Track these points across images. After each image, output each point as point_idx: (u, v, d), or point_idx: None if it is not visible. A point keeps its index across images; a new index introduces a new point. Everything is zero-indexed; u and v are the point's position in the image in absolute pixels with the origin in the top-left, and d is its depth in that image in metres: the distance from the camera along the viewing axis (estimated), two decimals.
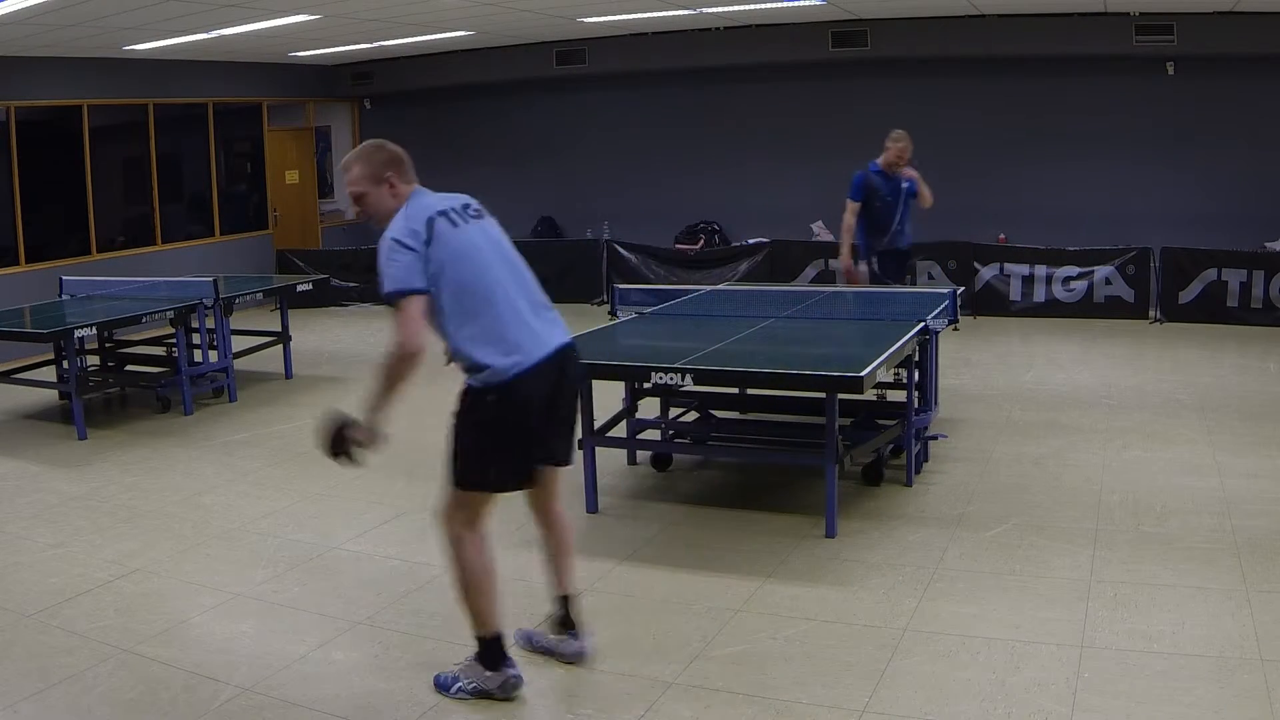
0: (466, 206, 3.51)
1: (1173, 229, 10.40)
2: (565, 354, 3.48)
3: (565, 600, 3.68)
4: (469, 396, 3.42)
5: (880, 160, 7.44)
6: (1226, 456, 5.79)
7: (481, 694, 3.43)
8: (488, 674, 3.42)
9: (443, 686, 3.49)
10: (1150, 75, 10.56)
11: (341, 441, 3.35)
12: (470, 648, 3.48)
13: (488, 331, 3.35)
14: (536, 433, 3.44)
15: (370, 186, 3.43)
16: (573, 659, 3.63)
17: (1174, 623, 3.80)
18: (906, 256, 7.80)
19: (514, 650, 3.59)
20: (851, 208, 7.47)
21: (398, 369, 3.25)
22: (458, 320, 3.34)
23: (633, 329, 6.21)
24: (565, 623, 3.66)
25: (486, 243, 3.47)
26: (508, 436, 3.40)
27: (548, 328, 3.47)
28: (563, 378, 3.47)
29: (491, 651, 3.42)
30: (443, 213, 3.39)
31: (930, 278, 10.54)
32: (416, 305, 3.25)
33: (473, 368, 3.38)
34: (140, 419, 7.57)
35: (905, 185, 7.44)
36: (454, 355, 3.42)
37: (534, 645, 3.73)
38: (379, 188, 3.43)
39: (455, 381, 3.51)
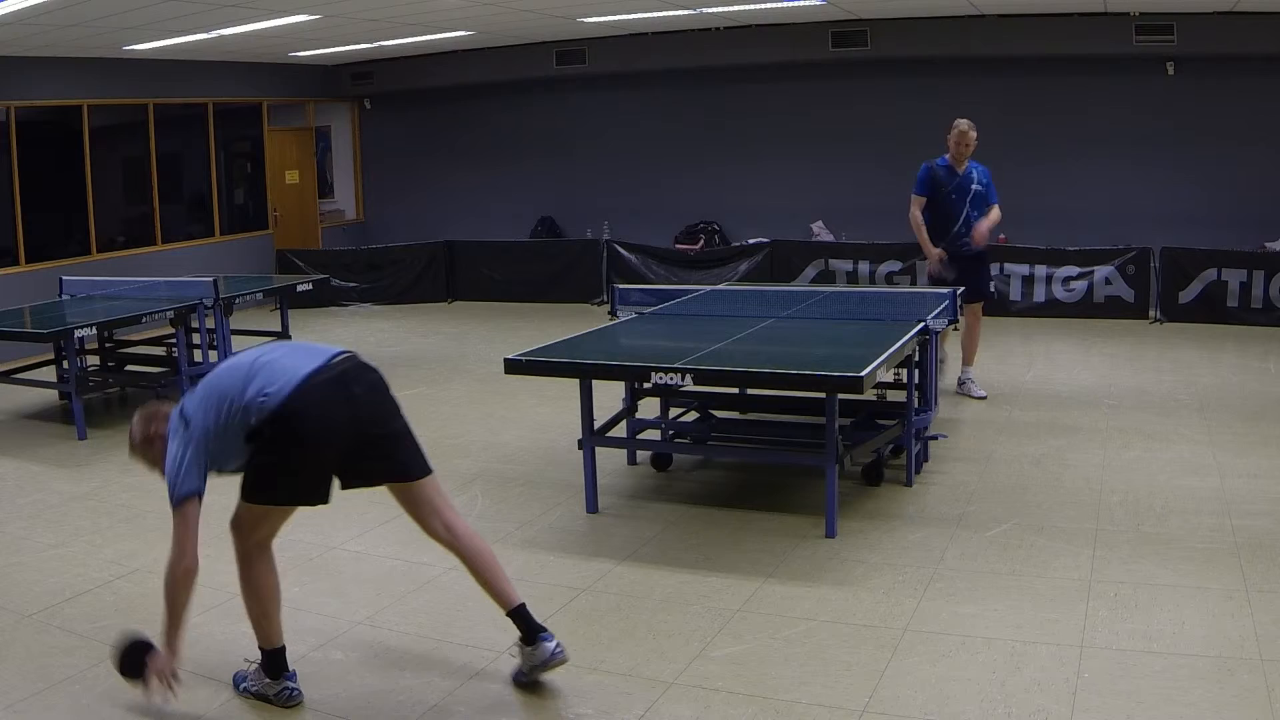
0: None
1: (1173, 229, 10.40)
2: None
3: (517, 613, 3.52)
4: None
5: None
6: (1226, 456, 5.80)
7: (263, 698, 3.48)
8: (267, 680, 3.47)
9: (236, 681, 3.57)
10: (1150, 75, 10.56)
11: (139, 667, 3.36)
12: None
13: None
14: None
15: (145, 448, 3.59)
16: (552, 661, 3.46)
17: (1174, 623, 3.80)
18: (976, 262, 7.25)
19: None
20: (915, 202, 7.19)
21: (175, 587, 3.39)
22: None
23: (633, 329, 6.21)
24: (528, 634, 3.49)
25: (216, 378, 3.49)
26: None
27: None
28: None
29: (273, 662, 3.48)
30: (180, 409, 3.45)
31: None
32: (193, 509, 3.39)
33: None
34: None
35: (975, 184, 7.14)
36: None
37: (521, 679, 3.54)
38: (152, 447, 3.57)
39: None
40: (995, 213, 7.18)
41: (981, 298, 7.32)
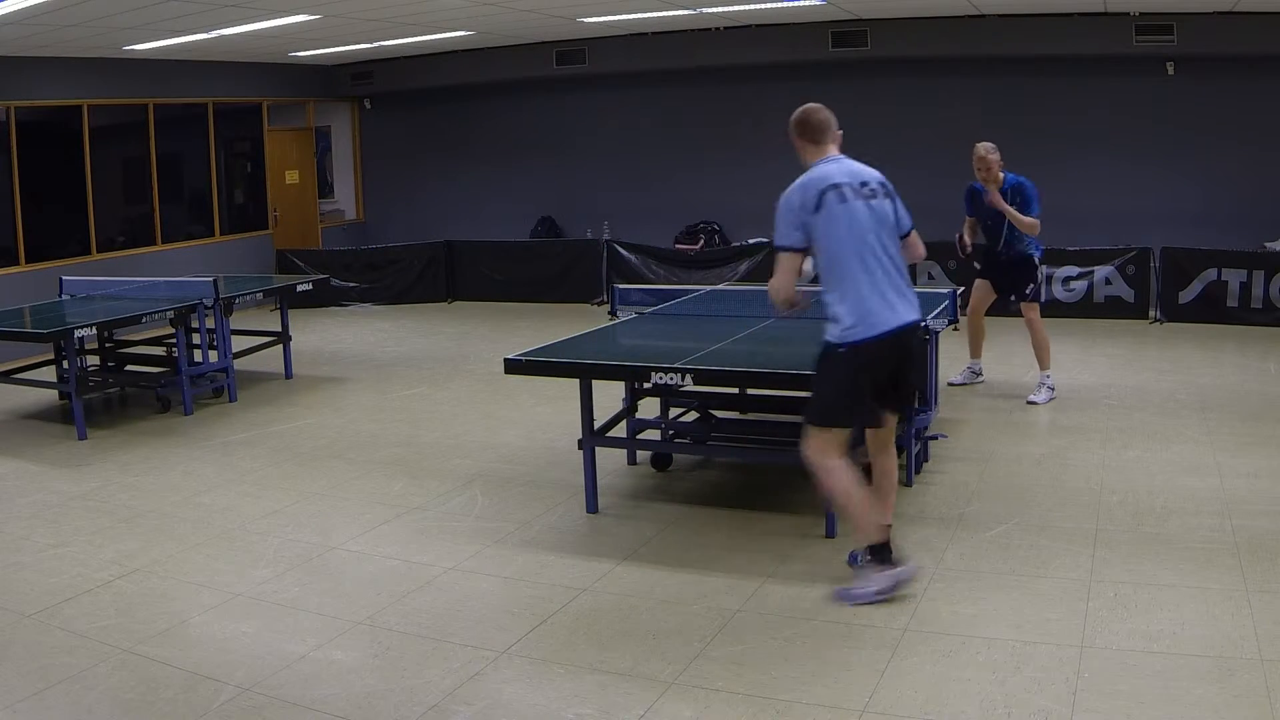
0: (864, 184, 4.08)
1: (1173, 229, 10.40)
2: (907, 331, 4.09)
3: (887, 529, 4.16)
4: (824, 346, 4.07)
5: None
6: (1226, 456, 5.80)
7: (882, 595, 3.99)
8: (884, 571, 4.02)
9: (848, 598, 4.02)
10: (1150, 75, 10.56)
11: None
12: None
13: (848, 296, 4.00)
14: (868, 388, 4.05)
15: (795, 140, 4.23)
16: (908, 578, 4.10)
17: (1174, 623, 3.80)
18: (1016, 268, 7.22)
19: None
20: (968, 223, 7.35)
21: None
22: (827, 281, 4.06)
23: (633, 329, 6.21)
24: (886, 551, 4.12)
25: (867, 219, 4.03)
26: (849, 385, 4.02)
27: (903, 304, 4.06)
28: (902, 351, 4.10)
29: (879, 553, 4.05)
30: (835, 185, 4.02)
31: (930, 278, 10.54)
32: (788, 260, 4.04)
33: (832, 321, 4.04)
34: (140, 419, 7.57)
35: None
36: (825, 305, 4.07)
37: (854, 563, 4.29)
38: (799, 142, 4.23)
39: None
40: (1027, 219, 7.02)
41: (1023, 299, 7.25)
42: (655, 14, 10.30)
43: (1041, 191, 7.16)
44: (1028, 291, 7.19)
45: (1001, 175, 7.13)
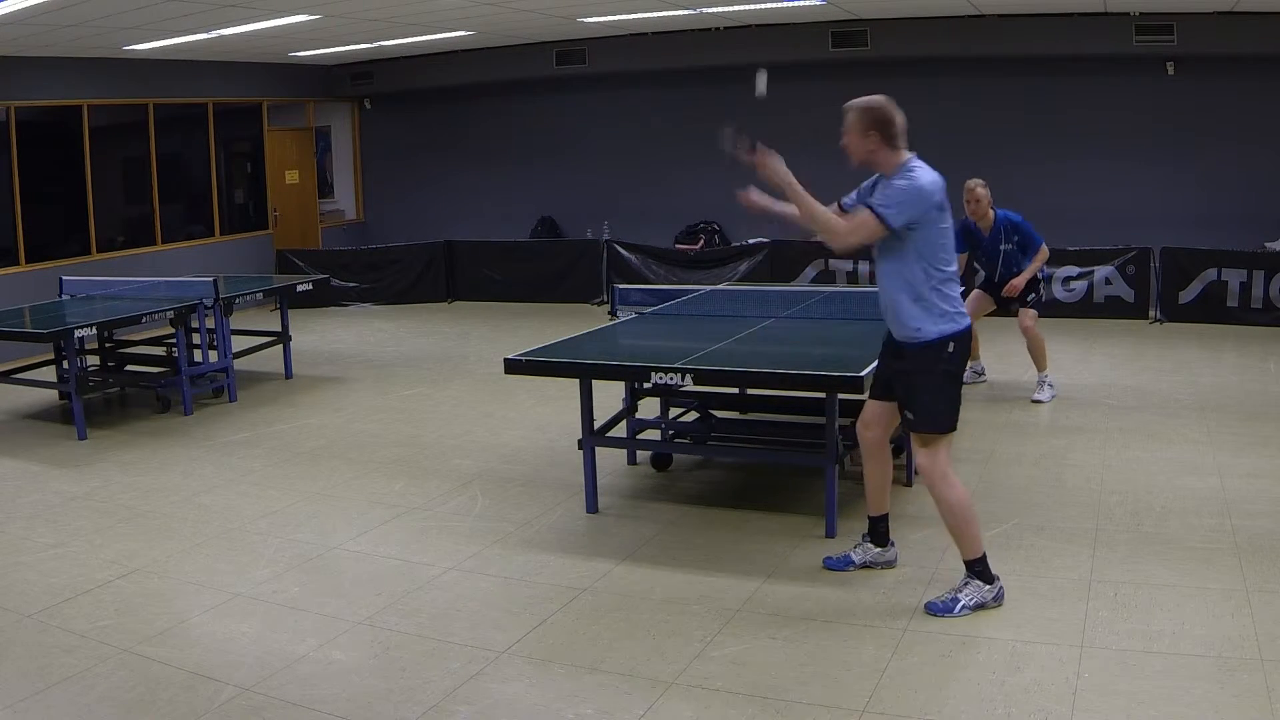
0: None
1: (1173, 229, 10.40)
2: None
3: (884, 517, 4.38)
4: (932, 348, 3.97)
5: None
6: (1226, 456, 5.80)
7: (980, 606, 3.94)
8: (986, 588, 3.96)
9: (943, 610, 3.94)
10: (1150, 75, 10.57)
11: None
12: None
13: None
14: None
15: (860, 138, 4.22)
16: (891, 564, 4.38)
17: (1174, 623, 3.80)
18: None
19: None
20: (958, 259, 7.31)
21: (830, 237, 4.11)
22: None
23: (633, 329, 6.21)
24: (883, 535, 4.39)
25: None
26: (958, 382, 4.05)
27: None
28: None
29: (982, 569, 3.98)
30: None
31: None
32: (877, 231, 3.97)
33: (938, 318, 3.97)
34: (140, 419, 7.57)
35: (1004, 245, 7.09)
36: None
37: (850, 564, 4.39)
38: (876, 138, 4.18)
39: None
40: (1038, 257, 7.08)
41: (1024, 304, 7.22)
42: (655, 14, 10.31)
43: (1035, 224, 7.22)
44: (1029, 299, 7.21)
45: (992, 212, 7.11)
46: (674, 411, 6.34)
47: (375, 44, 11.75)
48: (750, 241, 11.89)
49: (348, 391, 8.29)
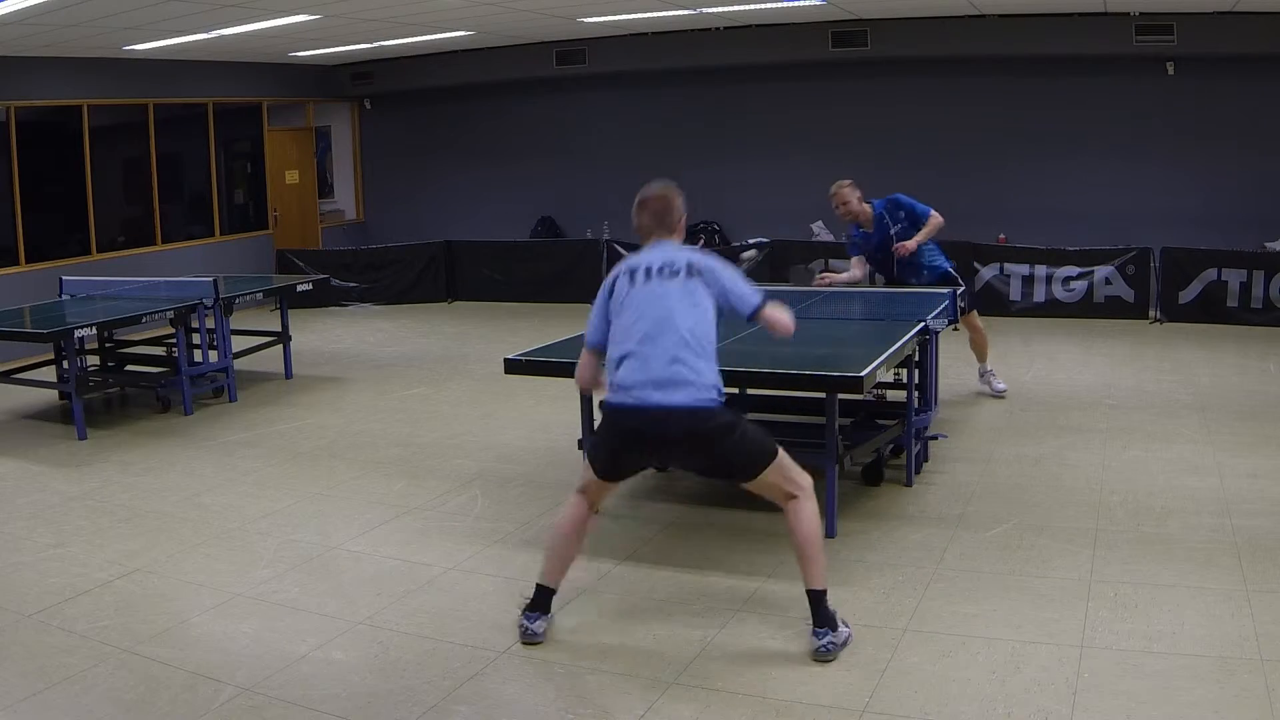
0: (664, 268, 3.85)
1: (1173, 229, 10.40)
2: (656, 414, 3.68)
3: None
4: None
5: None
6: (1226, 456, 5.79)
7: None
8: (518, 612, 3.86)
9: (828, 650, 3.62)
10: (1150, 75, 10.57)
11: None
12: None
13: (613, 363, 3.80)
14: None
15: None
16: (816, 655, 3.69)
17: (1174, 623, 3.80)
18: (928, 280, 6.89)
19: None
20: (855, 262, 6.98)
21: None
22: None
23: None
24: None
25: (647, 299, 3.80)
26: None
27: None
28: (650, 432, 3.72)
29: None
30: (632, 270, 3.86)
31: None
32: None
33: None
34: (140, 419, 7.57)
35: (891, 230, 6.73)
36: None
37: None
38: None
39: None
40: (928, 225, 6.72)
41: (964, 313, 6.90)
42: (655, 14, 10.30)
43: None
44: (961, 303, 6.61)
45: (868, 206, 6.84)
46: None
47: (375, 44, 11.75)
48: (750, 241, 11.89)
49: (348, 391, 8.29)
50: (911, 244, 6.67)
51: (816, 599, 3.68)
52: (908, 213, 6.79)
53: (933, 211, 6.78)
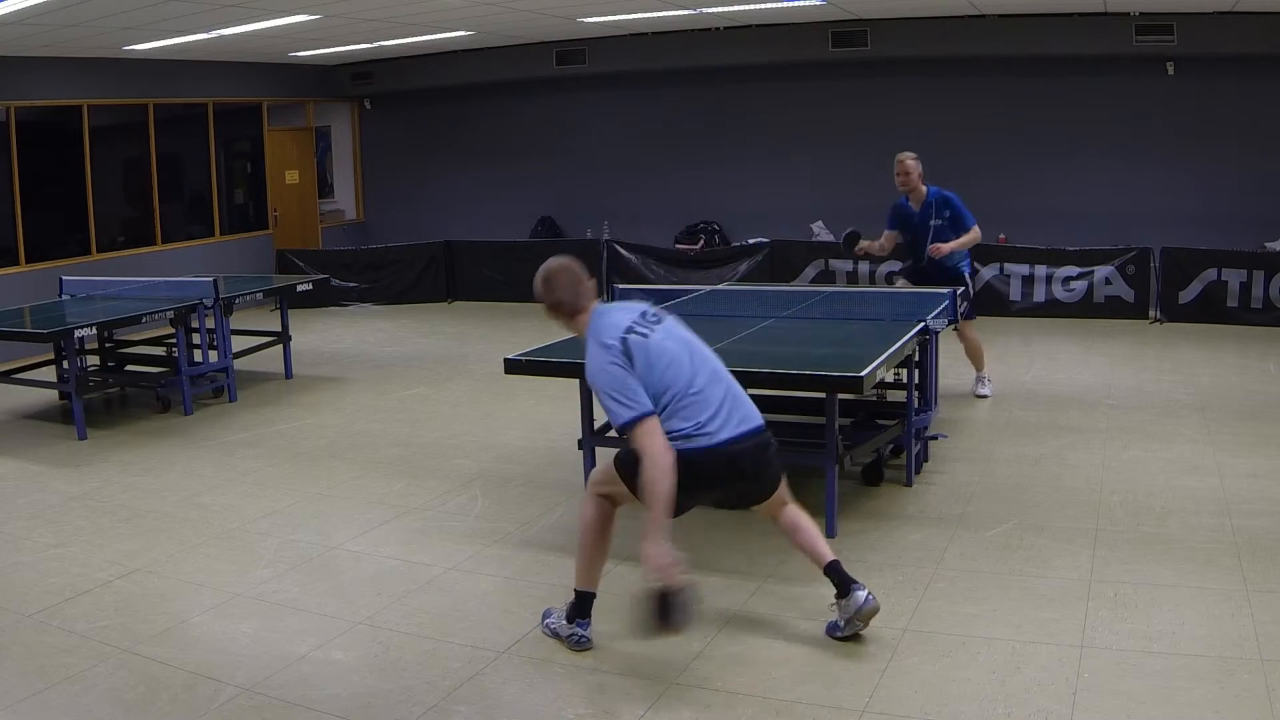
0: (647, 314, 3.79)
1: (1173, 229, 10.40)
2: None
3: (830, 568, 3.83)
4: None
5: None
6: (1226, 456, 5.79)
7: (555, 635, 3.83)
8: (564, 622, 3.82)
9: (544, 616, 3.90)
10: (1150, 75, 10.56)
11: (668, 607, 3.40)
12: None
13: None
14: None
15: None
16: (865, 609, 3.70)
17: (1174, 623, 3.80)
18: (941, 281, 6.81)
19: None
20: (886, 236, 7.13)
21: (656, 482, 3.53)
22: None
23: None
24: (841, 587, 3.77)
25: (672, 346, 3.73)
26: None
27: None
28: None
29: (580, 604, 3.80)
30: (629, 328, 3.66)
31: None
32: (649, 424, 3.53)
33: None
34: (140, 419, 7.57)
35: (934, 220, 6.87)
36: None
37: (836, 632, 3.79)
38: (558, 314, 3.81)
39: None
40: (968, 235, 6.90)
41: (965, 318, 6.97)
42: (655, 14, 10.30)
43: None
44: (962, 309, 6.63)
45: (924, 188, 6.94)
46: None
47: (375, 44, 11.75)
48: (750, 241, 11.90)
49: (347, 391, 8.29)
50: (945, 248, 6.83)
51: (832, 568, 3.82)
52: (954, 214, 6.92)
53: (976, 226, 6.94)
